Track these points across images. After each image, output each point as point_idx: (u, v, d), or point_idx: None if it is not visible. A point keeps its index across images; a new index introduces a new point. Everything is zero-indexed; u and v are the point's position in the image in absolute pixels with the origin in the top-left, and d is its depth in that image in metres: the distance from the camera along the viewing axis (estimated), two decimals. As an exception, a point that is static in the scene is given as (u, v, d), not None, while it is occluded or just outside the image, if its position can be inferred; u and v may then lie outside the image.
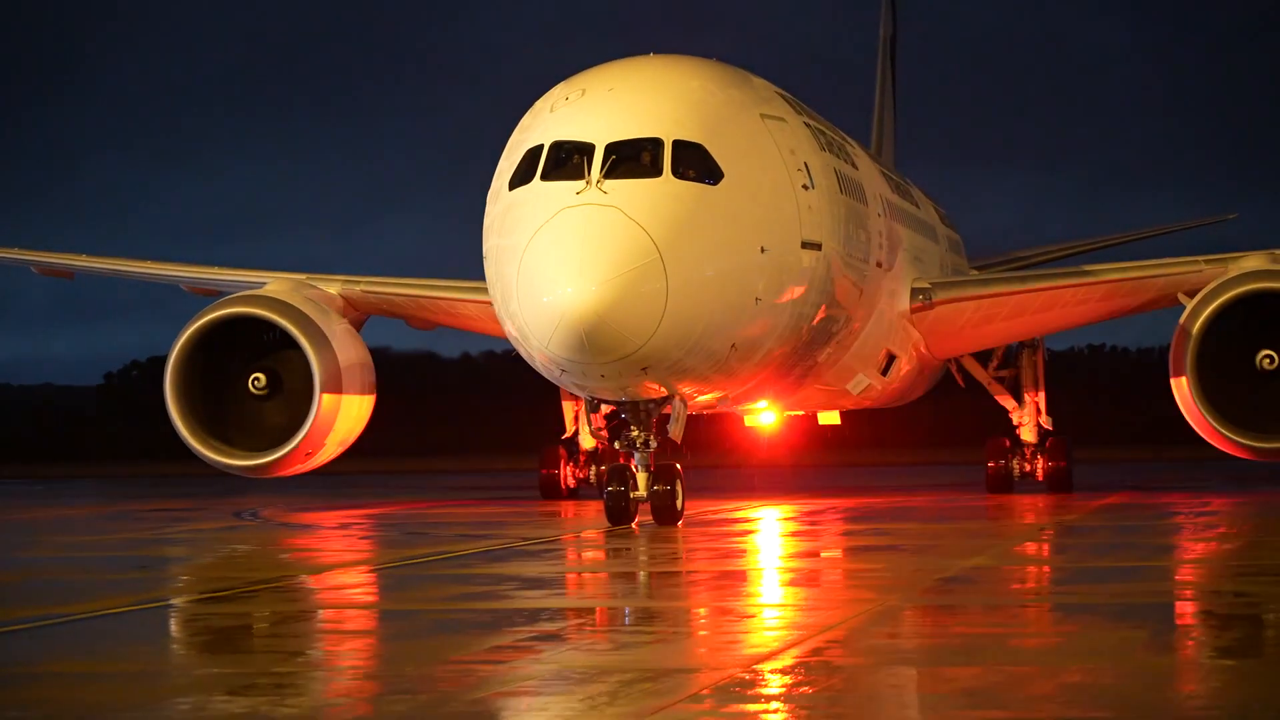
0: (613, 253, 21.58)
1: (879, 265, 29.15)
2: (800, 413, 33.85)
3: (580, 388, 23.85)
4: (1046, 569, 19.76)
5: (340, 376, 28.43)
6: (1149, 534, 23.97)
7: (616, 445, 23.93)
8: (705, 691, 10.49)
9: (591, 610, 15.82)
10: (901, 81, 46.38)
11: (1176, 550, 21.25)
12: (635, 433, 23.75)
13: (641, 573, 19.53)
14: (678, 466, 24.16)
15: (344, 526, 28.36)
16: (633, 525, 24.11)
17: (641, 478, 23.89)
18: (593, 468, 34.77)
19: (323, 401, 28.17)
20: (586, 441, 33.20)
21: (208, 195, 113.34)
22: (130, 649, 13.72)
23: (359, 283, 31.33)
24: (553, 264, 21.68)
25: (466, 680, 11.26)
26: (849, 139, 30.55)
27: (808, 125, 26.47)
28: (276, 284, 30.18)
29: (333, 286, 30.80)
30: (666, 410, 23.85)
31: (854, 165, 28.98)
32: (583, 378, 22.86)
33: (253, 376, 28.46)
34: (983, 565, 19.57)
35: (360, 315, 31.52)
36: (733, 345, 23.51)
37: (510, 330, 22.97)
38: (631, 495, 23.90)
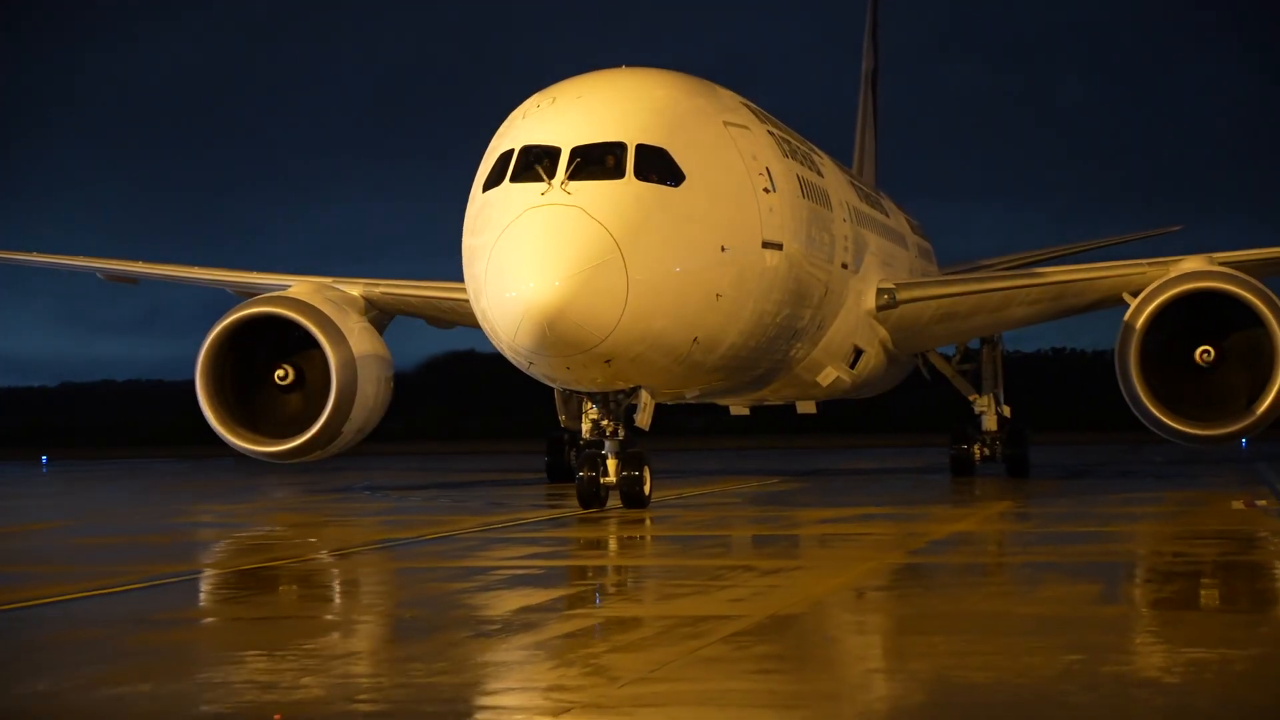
0: (574, 250, 19.61)
1: (844, 267, 27.27)
2: (778, 403, 31.83)
3: (549, 380, 21.89)
4: (1017, 533, 19.55)
5: (355, 369, 26.77)
6: (1099, 505, 23.74)
7: (588, 434, 22.07)
8: (733, 635, 10.28)
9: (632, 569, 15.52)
10: (883, 114, 45.45)
11: (1123, 519, 21.00)
12: (605, 422, 21.84)
13: (642, 536, 19.26)
14: (645, 454, 22.19)
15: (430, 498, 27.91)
16: (603, 508, 22.21)
17: (611, 464, 21.98)
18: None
19: (339, 392, 26.50)
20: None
21: (333, 226, 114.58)
22: (265, 597, 13.75)
23: (379, 285, 29.46)
24: (517, 261, 19.76)
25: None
26: (817, 150, 28.75)
27: (771, 133, 24.55)
28: (300, 286, 28.56)
29: (355, 289, 29.06)
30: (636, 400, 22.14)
31: (819, 173, 27.09)
32: (550, 370, 20.91)
33: (277, 370, 26.89)
34: (964, 530, 19.43)
35: (384, 316, 29.82)
36: (695, 340, 21.45)
37: (484, 325, 21.02)
38: (602, 481, 21.98)
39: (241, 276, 31.16)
